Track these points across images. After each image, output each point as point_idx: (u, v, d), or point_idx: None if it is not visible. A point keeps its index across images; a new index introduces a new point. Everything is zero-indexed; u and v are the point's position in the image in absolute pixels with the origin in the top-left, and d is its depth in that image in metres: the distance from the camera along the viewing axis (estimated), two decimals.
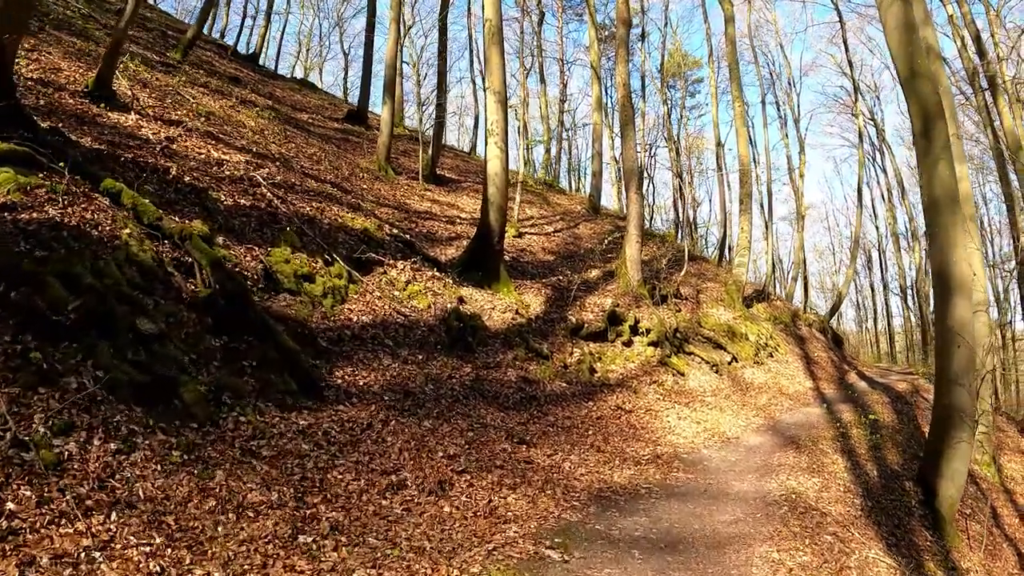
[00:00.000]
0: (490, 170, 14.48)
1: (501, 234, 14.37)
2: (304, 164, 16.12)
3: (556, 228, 21.57)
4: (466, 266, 13.92)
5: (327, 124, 24.57)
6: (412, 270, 12.05)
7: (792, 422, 13.35)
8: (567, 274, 16.57)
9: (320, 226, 12.03)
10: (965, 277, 10.41)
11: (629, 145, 18.50)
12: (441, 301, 11.71)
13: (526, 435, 9.26)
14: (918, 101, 11.03)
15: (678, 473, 9.25)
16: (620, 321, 14.67)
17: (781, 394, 15.79)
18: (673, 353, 14.97)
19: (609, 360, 13.60)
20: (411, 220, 16.30)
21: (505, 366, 11.17)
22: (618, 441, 10.33)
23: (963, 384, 10.08)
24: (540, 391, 11.05)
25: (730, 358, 16.66)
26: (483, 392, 10.05)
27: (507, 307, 13.11)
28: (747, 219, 21.23)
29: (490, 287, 13.71)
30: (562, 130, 42.48)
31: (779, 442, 11.51)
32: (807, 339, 22.05)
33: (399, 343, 9.97)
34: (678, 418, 12.29)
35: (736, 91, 23.24)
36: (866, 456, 11.01)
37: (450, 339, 10.79)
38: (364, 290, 10.90)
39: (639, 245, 17.41)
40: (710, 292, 20.57)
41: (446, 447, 7.88)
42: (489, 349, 11.50)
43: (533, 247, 18.33)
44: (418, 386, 9.13)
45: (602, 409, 11.48)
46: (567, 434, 9.93)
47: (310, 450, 6.80)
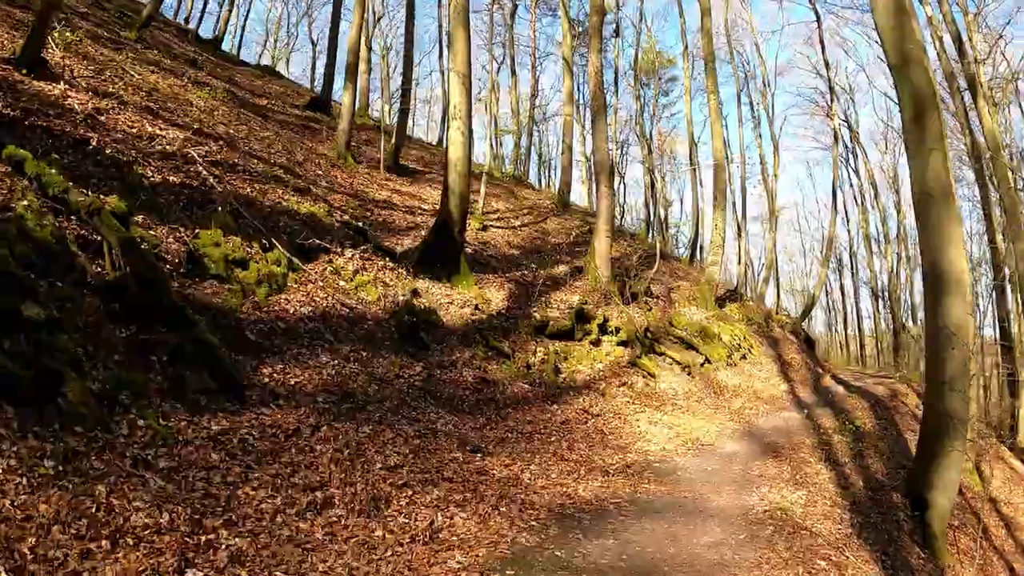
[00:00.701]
0: (451, 155, 13.48)
1: (462, 224, 13.37)
2: (254, 146, 14.94)
3: (523, 222, 20.62)
4: (423, 258, 12.88)
5: (288, 111, 23.34)
6: (362, 259, 10.98)
7: (769, 427, 12.55)
8: (532, 269, 15.61)
9: (260, 209, 10.90)
10: (960, 274, 9.68)
11: (600, 136, 17.62)
12: (393, 293, 10.66)
13: (481, 442, 8.27)
14: (910, 88, 10.31)
15: (650, 485, 8.33)
16: (588, 319, 13.75)
17: (756, 398, 15.01)
18: (644, 353, 14.10)
19: (576, 360, 12.67)
20: (367, 208, 15.21)
21: (462, 365, 10.17)
22: (584, 448, 9.39)
23: (957, 388, 9.33)
24: (499, 393, 10.07)
25: (703, 359, 15.84)
26: (435, 394, 9.03)
27: (466, 302, 12.10)
28: (721, 216, 20.49)
29: (449, 280, 12.69)
30: (532, 125, 41.55)
31: (757, 449, 10.67)
32: (780, 341, 21.38)
33: (341, 338, 8.90)
34: (649, 423, 11.40)
35: (712, 85, 22.53)
36: (850, 465, 10.23)
37: (400, 335, 9.75)
38: (306, 279, 9.82)
39: (609, 240, 16.52)
40: (682, 291, 19.79)
41: (387, 457, 6.84)
42: (445, 346, 10.49)
43: (497, 241, 17.35)
44: (359, 386, 8.07)
45: (567, 413, 10.54)
46: (528, 441, 8.96)
47: (219, 461, 5.72)
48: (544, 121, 47.93)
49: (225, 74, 22.58)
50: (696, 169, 30.47)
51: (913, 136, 10.25)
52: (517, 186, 27.28)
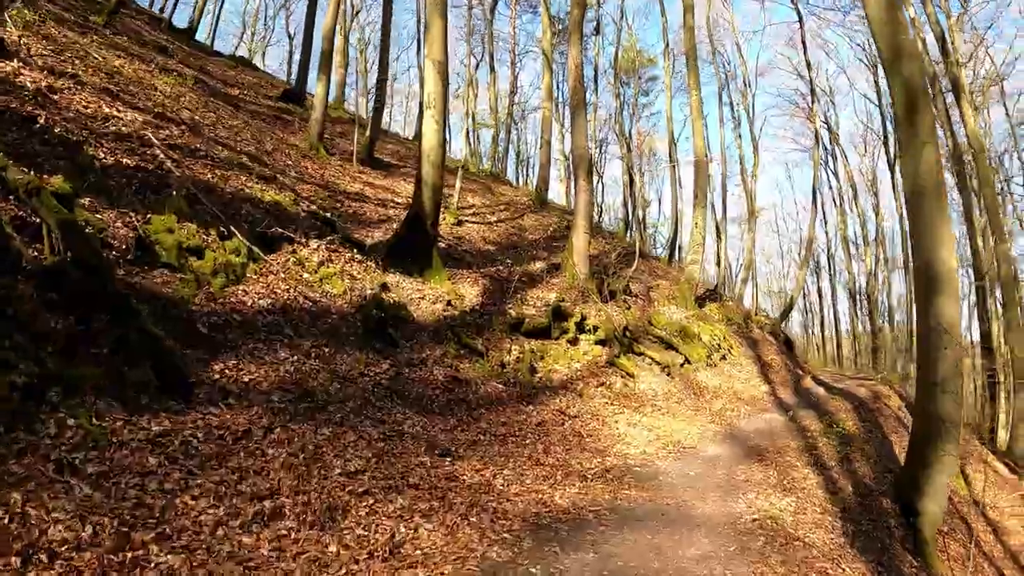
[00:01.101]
0: (425, 145, 12.91)
1: (435, 217, 12.80)
2: (220, 134, 14.25)
3: (499, 218, 20.09)
4: (394, 251, 12.30)
5: (260, 102, 22.58)
6: (328, 250, 10.37)
7: (752, 430, 12.15)
8: (508, 265, 15.09)
9: (221, 195, 10.26)
10: (952, 273, 9.37)
11: (579, 130, 17.16)
12: (360, 287, 10.07)
13: (452, 445, 7.72)
14: (902, 82, 10.00)
15: (631, 491, 7.84)
16: (565, 317, 13.26)
17: (737, 399, 14.63)
18: (622, 353, 13.64)
19: (552, 359, 12.17)
20: (337, 200, 14.58)
21: (432, 363, 9.61)
22: (561, 451, 8.89)
23: (949, 390, 8.99)
24: (472, 393, 9.53)
25: (682, 360, 15.43)
26: (403, 393, 8.47)
27: (438, 297, 11.54)
28: (701, 214, 20.11)
29: (421, 275, 12.12)
30: (511, 122, 41.08)
31: (741, 453, 10.24)
32: (760, 342, 21.08)
33: (302, 333, 8.30)
34: (628, 424, 10.93)
35: (693, 81, 22.14)
36: (837, 470, 9.84)
37: (367, 330, 9.17)
38: (267, 270, 9.20)
39: (587, 237, 16.06)
40: (661, 290, 19.39)
41: (347, 461, 6.27)
42: (414, 343, 9.93)
43: (473, 236, 16.80)
44: (320, 385, 7.48)
45: (543, 414, 10.03)
46: (501, 443, 8.44)
47: (157, 466, 5.12)
48: (523, 119, 47.55)
49: (196, 63, 21.76)
50: (675, 167, 30.18)
51: (905, 130, 9.93)
52: (494, 182, 26.75)
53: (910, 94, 9.89)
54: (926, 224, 9.40)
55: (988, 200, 19.31)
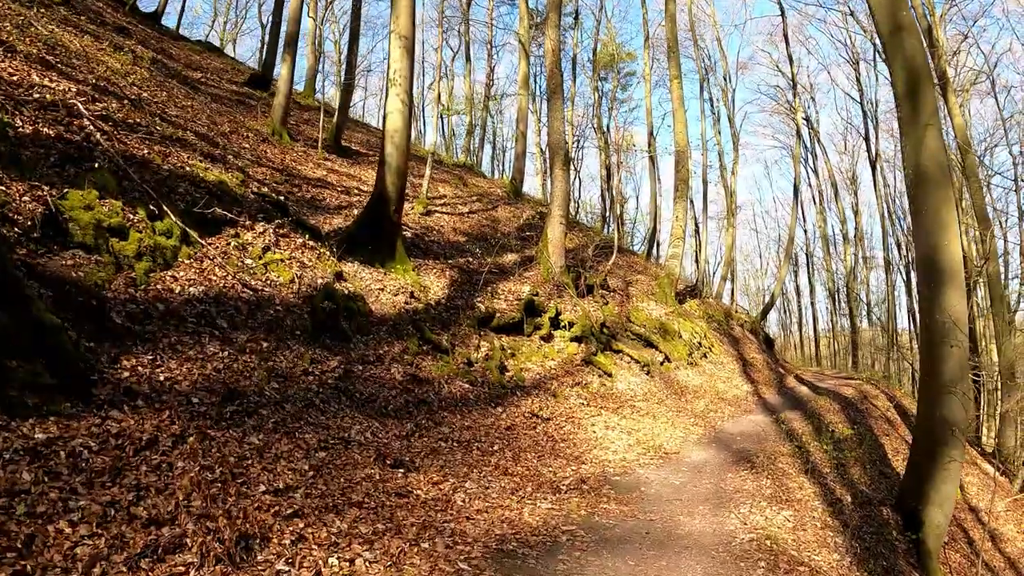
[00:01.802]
0: (389, 126, 11.93)
1: (399, 203, 11.83)
2: (170, 112, 13.10)
3: (472, 209, 19.12)
4: (354, 238, 11.31)
5: (224, 86, 21.36)
6: (276, 235, 9.35)
7: (737, 432, 11.35)
8: (479, 256, 14.14)
9: (156, 172, 9.20)
10: (958, 263, 8.64)
11: (556, 115, 16.29)
12: (311, 276, 9.07)
13: (407, 454, 6.77)
14: (903, 59, 9.30)
15: (609, 505, 6.95)
16: (539, 312, 12.37)
17: (720, 399, 13.85)
18: (599, 350, 12.78)
19: (524, 357, 11.27)
20: (295, 184, 13.53)
21: (390, 360, 8.64)
22: (532, 459, 7.98)
23: (956, 391, 8.25)
24: (433, 393, 8.57)
25: (662, 358, 14.63)
26: (353, 394, 7.49)
27: (400, 289, 10.57)
28: (682, 207, 19.35)
29: (382, 265, 11.14)
30: (487, 116, 40.14)
31: (728, 458, 9.41)
32: (741, 340, 20.37)
33: (238, 325, 7.29)
34: (606, 427, 10.07)
35: (675, 71, 21.40)
36: (833, 477, 9.05)
37: (315, 323, 8.17)
38: (203, 254, 8.16)
39: (563, 228, 15.17)
40: (640, 285, 18.57)
41: (276, 476, 5.30)
42: (371, 338, 8.95)
43: (442, 226, 15.82)
44: (254, 384, 6.48)
45: (513, 416, 9.12)
46: (465, 451, 7.51)
47: (32, 483, 4.12)
48: (499, 113, 46.61)
49: (158, 46, 20.48)
50: (655, 162, 29.43)
51: (907, 111, 9.21)
52: (468, 174, 25.71)
53: (911, 72, 9.17)
54: (930, 210, 8.66)
55: (974, 195, 18.76)
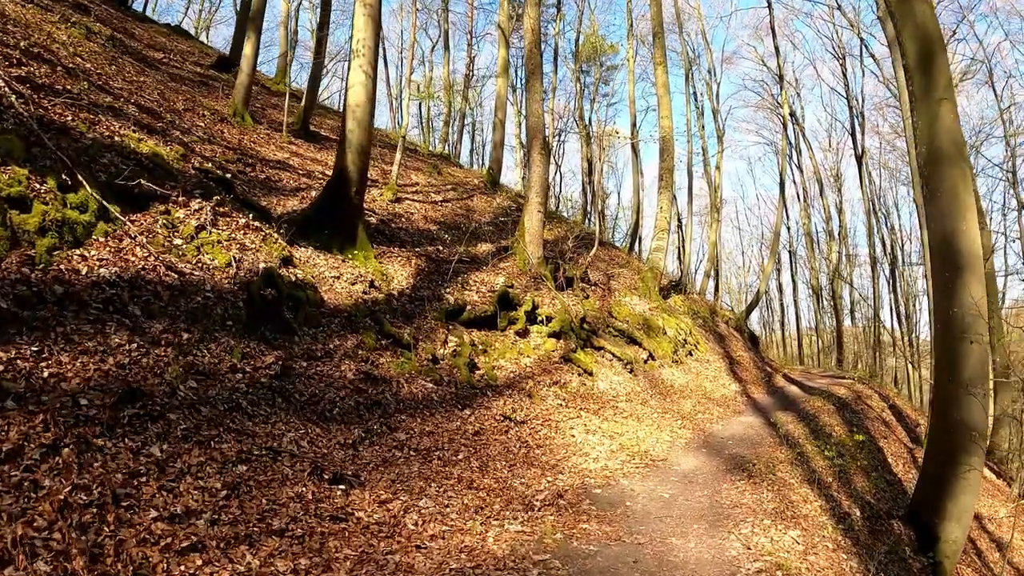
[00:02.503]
0: (351, 99, 10.87)
1: (361, 183, 10.76)
2: (115, 85, 11.90)
3: (445, 198, 18.06)
4: (310, 222, 10.23)
5: (188, 67, 20.03)
6: (215, 214, 8.23)
7: (728, 436, 10.42)
8: (450, 245, 13.08)
9: (78, 140, 8.07)
10: (977, 249, 7.74)
11: (534, 99, 15.26)
12: (252, 260, 7.97)
13: (351, 466, 5.73)
14: (914, 27, 8.42)
15: (590, 524, 5.95)
16: (514, 305, 11.36)
17: (707, 399, 12.93)
18: (579, 347, 11.80)
19: (497, 353, 10.25)
20: (248, 164, 12.38)
21: (341, 356, 7.58)
22: (502, 469, 6.97)
23: (976, 392, 7.35)
24: (390, 394, 7.52)
25: (646, 355, 13.68)
26: (292, 395, 6.42)
27: (359, 277, 9.50)
28: (667, 197, 18.42)
29: (341, 251, 10.06)
30: (466, 106, 39.03)
31: (721, 466, 8.46)
32: (727, 337, 19.52)
33: (155, 313, 6.19)
34: (586, 431, 9.09)
35: (660, 56, 20.47)
36: (837, 488, 8.13)
37: (252, 313, 7.07)
38: (123, 232, 7.03)
39: (541, 216, 14.16)
40: (622, 279, 17.61)
41: (176, 497, 4.23)
42: (321, 332, 7.87)
43: (412, 214, 14.75)
44: (165, 383, 5.39)
45: (483, 420, 8.10)
46: (424, 461, 6.47)
47: None
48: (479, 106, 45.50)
49: (121, 25, 19.12)
50: (637, 152, 28.52)
51: (919, 84, 8.32)
52: (444, 164, 24.60)
53: (923, 41, 8.29)
54: (946, 191, 7.77)
55: None
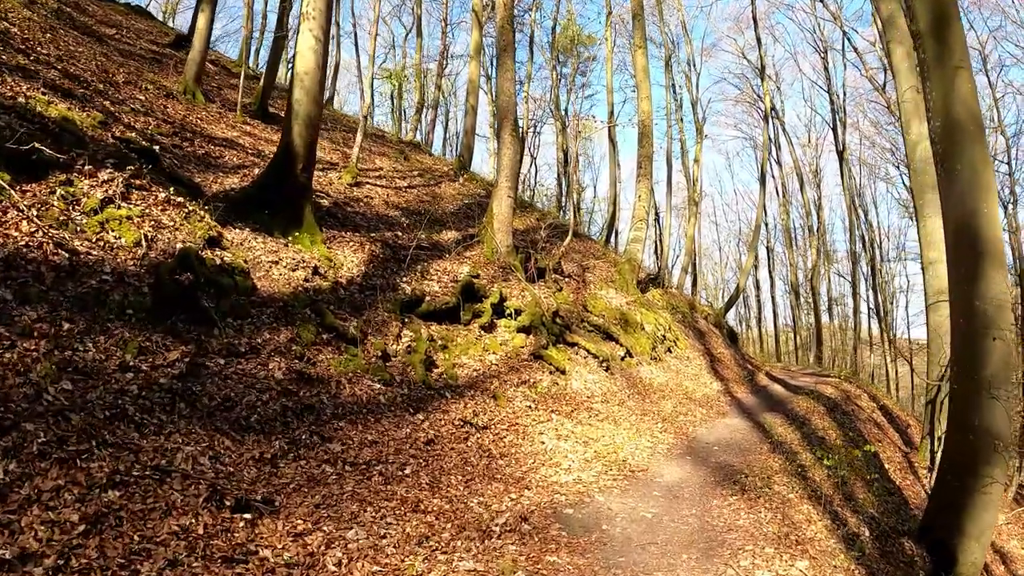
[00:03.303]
0: (300, 67, 9.74)
1: (309, 159, 9.64)
2: (43, 51, 10.67)
3: (411, 184, 16.93)
4: (251, 200, 9.10)
5: (142, 44, 18.63)
6: (127, 186, 7.08)
7: (715, 441, 9.48)
8: (410, 231, 11.96)
9: None
10: (998, 233, 6.83)
11: (506, 77, 14.21)
12: (169, 239, 6.84)
13: (264, 487, 4.65)
14: None
15: (559, 556, 4.94)
16: (479, 297, 10.32)
17: (688, 399, 12.00)
18: (551, 343, 10.80)
19: (459, 349, 9.20)
20: (186, 138, 11.16)
21: (269, 353, 6.48)
22: (457, 484, 5.93)
23: (998, 395, 6.46)
24: (327, 396, 6.43)
25: (623, 352, 12.72)
26: (199, 399, 5.30)
27: (301, 263, 8.39)
28: (646, 186, 17.47)
29: (284, 234, 8.94)
30: (440, 96, 37.84)
31: (710, 477, 7.50)
32: (706, 333, 18.64)
33: (30, 298, 5.04)
34: (557, 436, 8.10)
35: (639, 40, 19.52)
36: (841, 503, 7.22)
37: (160, 300, 5.95)
38: (10, 203, 5.89)
39: (511, 201, 13.13)
40: (598, 271, 16.65)
41: (11, 536, 3.13)
42: (249, 323, 6.76)
43: (372, 198, 13.62)
44: (29, 384, 4.23)
45: (438, 425, 7.05)
46: (361, 477, 5.41)
47: None
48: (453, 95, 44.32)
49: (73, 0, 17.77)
50: (614, 142, 27.58)
51: (932, 51, 7.42)
52: (414, 151, 23.43)
53: (938, 4, 7.40)
54: (965, 168, 6.87)
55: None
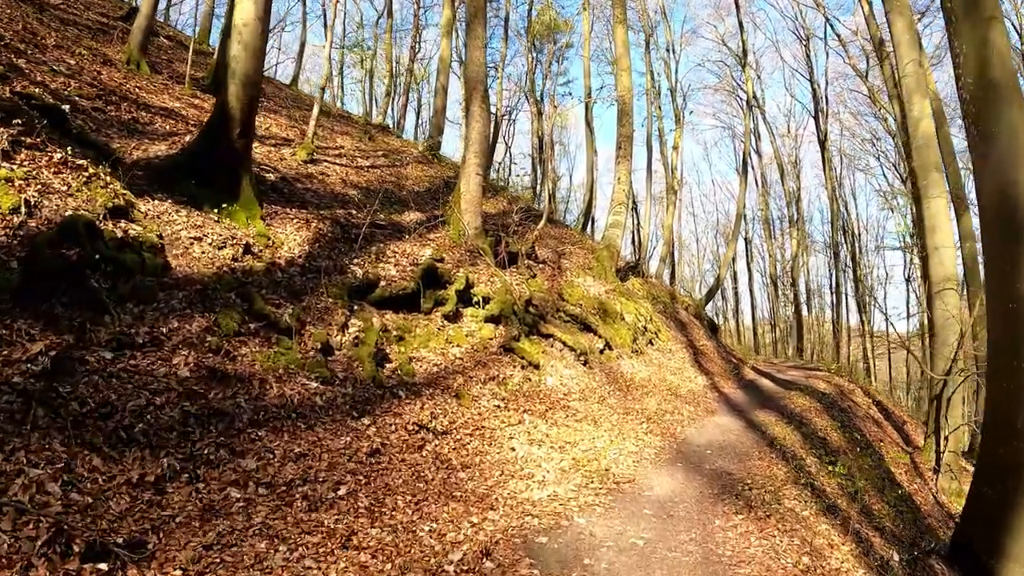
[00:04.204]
0: (238, 17, 8.47)
1: (247, 124, 8.40)
2: None
3: (374, 164, 15.68)
4: (178, 170, 7.85)
5: (90, 16, 17.09)
6: (12, 143, 5.82)
7: (706, 443, 8.47)
8: (368, 209, 10.71)
9: None
10: None
11: (476, 45, 13.04)
12: (57, 206, 5.62)
13: (138, 523, 3.49)
14: None
15: None
16: (443, 282, 9.18)
17: (674, 395, 11.00)
18: (524, 334, 9.72)
19: (419, 341, 8.06)
20: (114, 104, 9.84)
21: (177, 344, 5.28)
22: (405, 507, 4.81)
23: None
24: (247, 399, 5.25)
25: (602, 344, 11.68)
26: (65, 404, 4.09)
27: (231, 240, 7.18)
28: (626, 167, 16.40)
29: (215, 207, 7.70)
30: (413, 81, 36.54)
31: (707, 489, 6.46)
32: (688, 325, 17.68)
33: None
34: (530, 441, 7.03)
35: (620, 14, 18.45)
36: (859, 519, 6.24)
37: (33, 279, 4.71)
38: None
39: (481, 179, 11.98)
40: (575, 258, 15.56)
41: None
42: (154, 309, 5.55)
43: (329, 176, 12.37)
44: None
45: (387, 432, 5.92)
46: (278, 504, 4.26)
47: None
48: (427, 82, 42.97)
49: None
50: (591, 126, 26.53)
51: (962, 1, 6.48)
52: (381, 133, 22.15)
53: None
54: (1004, 132, 5.91)
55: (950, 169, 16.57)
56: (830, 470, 7.38)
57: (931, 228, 11.25)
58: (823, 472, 7.35)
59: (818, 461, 7.75)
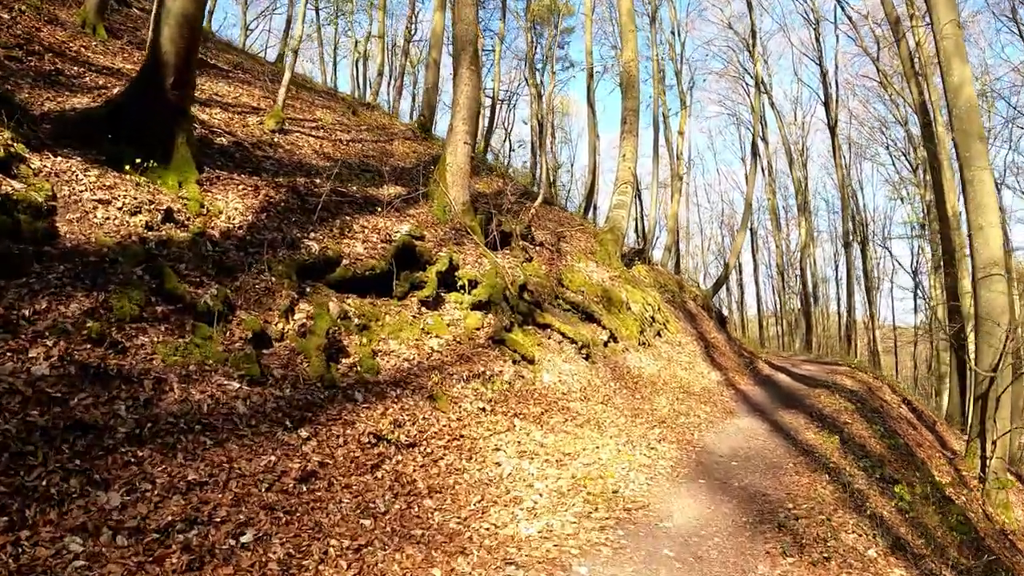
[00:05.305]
0: None
1: (185, 71, 7.01)
2: None
3: (356, 138, 14.29)
4: (93, 123, 6.49)
5: None
6: None
7: (730, 452, 7.15)
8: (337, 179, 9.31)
9: None
10: None
11: (466, 1, 11.67)
12: None
13: None
14: None
15: None
16: (422, 263, 7.84)
17: (686, 393, 9.71)
18: (517, 324, 8.40)
19: (387, 331, 6.71)
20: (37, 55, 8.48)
21: (41, 331, 3.92)
22: (340, 557, 3.49)
23: None
24: (129, 405, 3.85)
25: (607, 336, 10.36)
26: None
27: (147, 204, 5.81)
28: (631, 144, 15.02)
29: (138, 167, 6.34)
30: (407, 62, 35.11)
31: (739, 516, 5.13)
32: (697, 316, 16.36)
33: None
34: (520, 453, 5.73)
35: None
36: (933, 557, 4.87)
37: None
38: None
39: (469, 149, 10.61)
40: (576, 242, 14.20)
41: None
42: (21, 284, 4.22)
43: (300, 147, 10.99)
44: None
45: (333, 447, 4.58)
46: (142, 561, 2.92)
47: None
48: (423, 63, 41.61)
49: None
50: (593, 107, 25.08)
51: None
52: (368, 110, 20.75)
53: None
54: None
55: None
56: (881, 488, 6.05)
57: (975, 206, 9.98)
58: (873, 490, 6.02)
59: (866, 476, 6.42)
